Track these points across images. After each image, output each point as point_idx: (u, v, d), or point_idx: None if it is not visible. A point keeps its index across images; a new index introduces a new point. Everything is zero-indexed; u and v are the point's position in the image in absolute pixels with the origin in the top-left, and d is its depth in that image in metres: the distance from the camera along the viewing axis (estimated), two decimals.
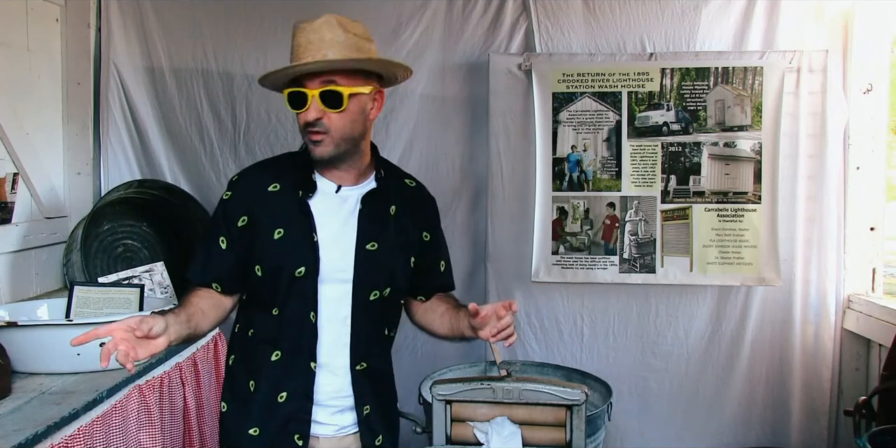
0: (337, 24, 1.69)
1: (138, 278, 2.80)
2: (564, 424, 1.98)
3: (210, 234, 1.79)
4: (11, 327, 2.05)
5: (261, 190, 1.77)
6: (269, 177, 1.79)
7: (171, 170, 3.22)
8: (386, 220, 1.82)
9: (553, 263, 3.15)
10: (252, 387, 1.78)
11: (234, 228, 1.75)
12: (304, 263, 1.74)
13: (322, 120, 1.67)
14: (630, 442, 3.23)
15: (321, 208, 1.77)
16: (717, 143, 3.06)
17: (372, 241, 1.79)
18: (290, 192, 1.76)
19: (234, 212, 1.76)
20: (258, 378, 1.78)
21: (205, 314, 1.74)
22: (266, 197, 1.77)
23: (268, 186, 1.77)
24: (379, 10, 3.16)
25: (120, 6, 3.15)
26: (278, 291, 1.75)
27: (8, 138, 2.60)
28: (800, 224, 3.08)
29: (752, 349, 3.16)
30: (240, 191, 1.78)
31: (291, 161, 1.83)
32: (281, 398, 1.77)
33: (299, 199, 1.76)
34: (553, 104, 3.11)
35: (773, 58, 3.02)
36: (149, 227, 3.06)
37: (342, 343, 1.80)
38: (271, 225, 1.75)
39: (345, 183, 1.79)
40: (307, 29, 1.69)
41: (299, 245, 1.74)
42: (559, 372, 2.99)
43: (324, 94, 1.66)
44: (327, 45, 1.66)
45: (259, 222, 1.75)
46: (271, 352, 1.77)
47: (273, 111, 3.21)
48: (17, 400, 1.89)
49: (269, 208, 1.76)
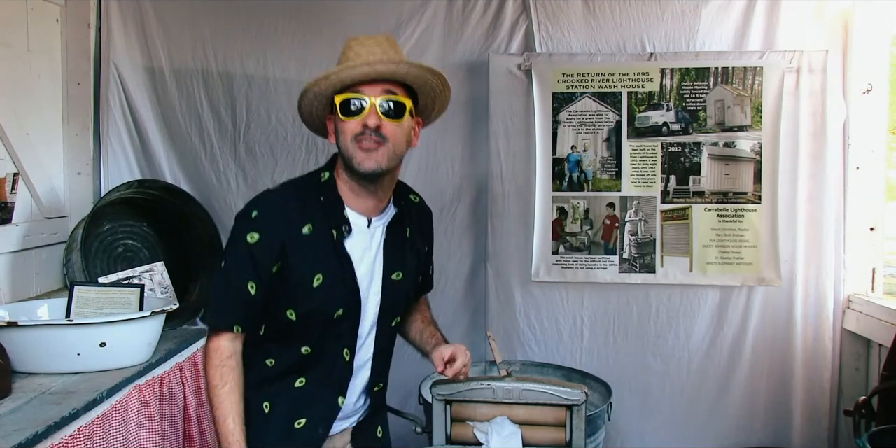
0: (395, 43, 1.68)
1: (138, 278, 2.79)
2: (564, 424, 1.98)
3: (234, 277, 1.64)
4: (11, 327, 2.05)
5: (293, 232, 1.64)
6: (298, 216, 1.66)
7: (171, 170, 3.23)
8: (404, 245, 1.79)
9: (553, 263, 3.15)
10: (267, 408, 1.72)
11: (266, 273, 1.63)
12: (343, 306, 1.69)
13: (381, 128, 1.60)
14: (630, 442, 3.23)
15: (355, 247, 1.70)
16: (716, 144, 3.06)
17: (397, 271, 1.77)
18: (325, 234, 1.66)
19: (266, 257, 1.63)
20: (275, 401, 1.73)
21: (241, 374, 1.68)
22: (300, 240, 1.64)
23: (301, 228, 1.65)
24: (379, 10, 3.16)
25: (120, 6, 3.15)
26: (312, 332, 1.70)
27: (8, 138, 2.60)
28: (800, 224, 3.08)
29: (753, 349, 3.16)
30: (269, 233, 1.63)
31: (315, 193, 1.69)
32: (299, 424, 1.72)
33: (335, 241, 1.67)
34: (553, 104, 3.11)
35: (773, 58, 3.02)
36: (149, 227, 3.06)
37: (365, 368, 1.80)
38: (309, 271, 1.65)
39: (373, 214, 1.72)
40: (369, 42, 1.64)
41: (339, 289, 1.68)
42: (559, 372, 3.00)
43: (386, 103, 1.60)
44: (392, 58, 1.63)
45: (295, 268, 1.64)
46: (295, 379, 1.73)
47: (273, 111, 3.21)
48: (18, 400, 1.89)
49: (305, 253, 1.65)
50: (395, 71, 1.61)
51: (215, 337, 1.67)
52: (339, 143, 1.66)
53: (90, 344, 2.10)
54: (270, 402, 1.72)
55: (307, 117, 1.74)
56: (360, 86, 1.61)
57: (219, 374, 1.64)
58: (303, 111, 1.72)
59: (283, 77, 3.20)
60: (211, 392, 1.64)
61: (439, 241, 3.21)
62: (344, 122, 1.62)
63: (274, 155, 3.23)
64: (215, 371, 1.64)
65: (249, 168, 3.23)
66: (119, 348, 2.16)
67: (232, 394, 1.63)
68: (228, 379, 1.64)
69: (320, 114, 1.72)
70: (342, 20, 3.15)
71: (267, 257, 1.63)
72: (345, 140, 1.62)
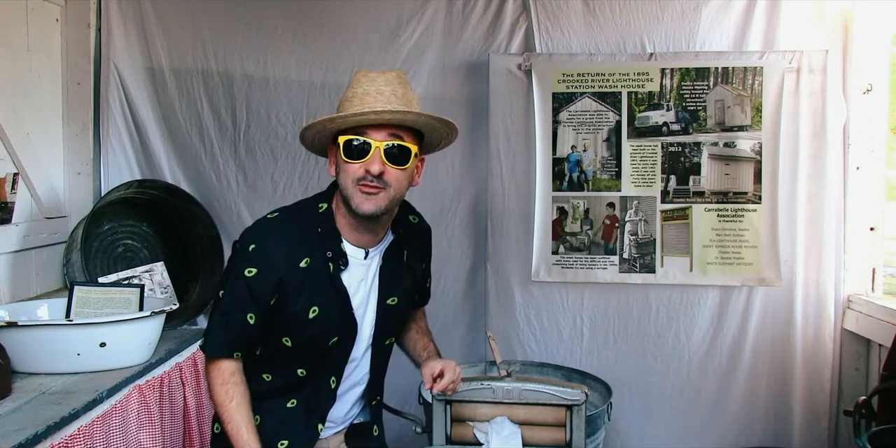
0: (405, 81, 1.64)
1: (138, 278, 2.80)
2: (564, 424, 1.98)
3: (233, 309, 1.65)
4: (11, 327, 2.05)
5: (290, 266, 1.64)
6: (296, 250, 1.65)
7: (171, 170, 3.22)
8: (401, 270, 1.79)
9: (553, 263, 3.15)
10: (258, 421, 1.71)
11: (265, 305, 1.65)
12: (338, 335, 1.70)
13: (384, 175, 1.57)
14: (630, 442, 3.23)
15: (352, 279, 1.70)
16: (716, 144, 3.06)
17: (392, 297, 1.77)
18: (322, 267, 1.66)
19: (264, 291, 1.63)
20: (266, 417, 1.74)
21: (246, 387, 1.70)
22: (297, 274, 1.64)
23: (298, 262, 1.64)
24: (379, 10, 3.16)
25: (120, 6, 3.15)
26: (308, 357, 1.72)
27: (8, 138, 2.60)
28: (800, 224, 3.08)
29: (753, 349, 3.16)
30: (266, 268, 1.63)
31: (314, 225, 1.68)
32: (282, 445, 1.73)
33: (331, 275, 1.66)
34: (553, 104, 3.11)
35: (773, 58, 3.02)
36: (149, 227, 3.06)
37: (360, 384, 1.82)
38: (305, 304, 1.66)
39: (370, 246, 1.72)
40: (378, 79, 1.61)
41: (335, 320, 1.69)
42: (559, 372, 2.99)
43: (391, 148, 1.57)
44: (400, 99, 1.59)
45: (290, 300, 1.65)
46: (288, 399, 1.75)
47: (273, 112, 3.21)
48: (18, 400, 1.89)
49: (301, 286, 1.65)
50: (402, 120, 1.58)
51: (215, 360, 1.68)
52: (338, 180, 1.64)
53: (90, 344, 2.10)
54: (261, 417, 1.72)
55: (309, 146, 1.73)
56: (365, 127, 1.57)
57: (224, 391, 1.66)
58: (305, 142, 1.71)
59: (283, 77, 3.20)
60: (220, 409, 1.66)
61: (439, 241, 3.21)
62: (346, 163, 1.58)
63: (274, 155, 3.23)
64: (220, 389, 1.66)
65: (249, 168, 3.23)
66: (119, 348, 2.16)
67: (240, 407, 1.65)
68: (234, 394, 1.66)
69: (323, 144, 1.71)
70: (342, 20, 3.15)
71: (265, 291, 1.64)
72: (345, 180, 1.60)
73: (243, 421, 1.63)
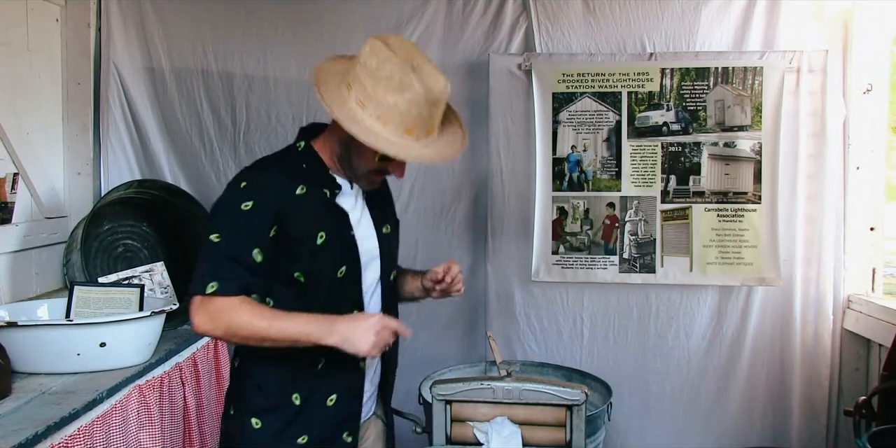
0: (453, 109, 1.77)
1: (138, 278, 2.79)
2: (564, 424, 1.98)
3: (236, 246, 1.62)
4: (11, 327, 2.05)
5: (288, 195, 1.67)
6: (288, 180, 1.69)
7: (171, 170, 3.23)
8: (383, 201, 1.89)
9: (553, 263, 3.15)
10: (297, 399, 1.72)
11: (266, 240, 1.64)
12: (345, 263, 1.73)
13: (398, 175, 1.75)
14: (630, 442, 3.23)
15: (345, 204, 1.76)
16: (716, 143, 3.06)
17: (385, 224, 1.85)
18: (318, 194, 1.71)
19: (263, 221, 1.64)
20: (302, 389, 1.73)
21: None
22: (296, 201, 1.67)
23: (294, 190, 1.68)
24: (379, 10, 3.16)
25: (120, 6, 3.15)
26: (319, 295, 1.71)
27: (8, 138, 2.60)
28: (800, 224, 3.08)
29: (753, 349, 3.16)
30: (262, 198, 1.64)
31: (297, 161, 1.74)
32: (331, 401, 1.75)
33: (329, 201, 1.72)
34: (553, 104, 3.11)
35: (773, 58, 3.02)
36: (149, 227, 3.06)
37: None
38: (312, 230, 1.68)
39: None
40: (443, 100, 1.66)
41: (342, 245, 1.72)
42: (559, 372, 2.99)
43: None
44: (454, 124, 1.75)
45: (294, 228, 1.66)
46: (315, 362, 1.73)
47: (273, 111, 3.21)
48: (18, 400, 1.89)
49: (304, 212, 1.67)
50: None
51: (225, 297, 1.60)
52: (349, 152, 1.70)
53: (90, 344, 2.10)
54: (298, 393, 1.73)
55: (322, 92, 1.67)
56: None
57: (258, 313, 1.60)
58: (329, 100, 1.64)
59: (282, 77, 3.20)
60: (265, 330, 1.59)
61: (439, 241, 3.25)
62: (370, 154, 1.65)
63: None
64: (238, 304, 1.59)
65: None
66: (119, 348, 2.16)
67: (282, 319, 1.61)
68: (266, 314, 1.62)
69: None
70: (342, 20, 3.15)
71: (263, 221, 1.64)
72: (360, 162, 1.70)
73: (288, 314, 1.61)
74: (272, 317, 1.61)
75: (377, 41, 1.62)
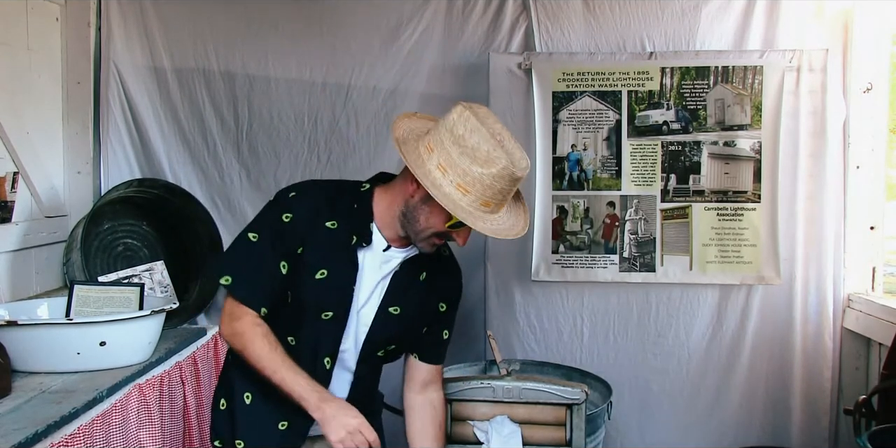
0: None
1: (138, 277, 2.80)
2: (564, 423, 1.99)
3: (268, 253, 1.70)
4: (11, 326, 2.05)
5: (320, 221, 1.71)
6: (328, 208, 1.72)
7: (171, 169, 3.22)
8: (413, 286, 1.81)
9: (553, 262, 3.15)
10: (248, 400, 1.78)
11: (293, 256, 1.70)
12: (333, 310, 1.73)
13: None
14: (630, 441, 3.23)
15: (366, 262, 1.74)
16: (716, 143, 3.06)
17: (396, 306, 1.79)
18: (345, 235, 1.71)
19: (294, 239, 1.70)
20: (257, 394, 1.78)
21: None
22: (322, 230, 1.71)
23: (326, 220, 1.71)
24: (379, 10, 3.16)
25: (120, 5, 3.15)
26: (301, 325, 1.74)
27: (8, 138, 2.60)
28: (800, 223, 3.08)
29: (753, 348, 3.15)
30: (301, 215, 1.70)
31: (352, 201, 1.75)
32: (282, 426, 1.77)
33: (351, 246, 1.72)
34: (553, 103, 3.11)
35: (773, 57, 3.02)
36: (149, 226, 3.06)
37: (343, 389, 1.83)
38: (317, 263, 1.70)
39: (395, 244, 1.76)
40: (523, 179, 1.66)
41: (336, 291, 1.72)
42: (559, 371, 2.99)
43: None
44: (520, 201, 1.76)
45: (307, 256, 1.70)
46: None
47: (275, 110, 3.21)
48: (18, 399, 1.89)
49: (321, 244, 1.70)
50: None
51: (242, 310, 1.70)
52: (416, 211, 1.68)
53: (90, 343, 2.11)
54: (251, 394, 1.77)
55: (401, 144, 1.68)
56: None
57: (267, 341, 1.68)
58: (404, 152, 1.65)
59: (284, 76, 3.20)
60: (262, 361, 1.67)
61: None
62: (440, 220, 1.66)
63: (276, 154, 3.23)
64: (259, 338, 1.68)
65: (252, 166, 3.24)
66: (119, 347, 2.16)
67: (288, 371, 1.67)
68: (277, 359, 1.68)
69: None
70: (342, 20, 3.16)
71: (294, 239, 1.69)
72: (427, 223, 1.68)
73: (297, 369, 1.66)
74: (281, 363, 1.67)
75: (465, 110, 1.61)
